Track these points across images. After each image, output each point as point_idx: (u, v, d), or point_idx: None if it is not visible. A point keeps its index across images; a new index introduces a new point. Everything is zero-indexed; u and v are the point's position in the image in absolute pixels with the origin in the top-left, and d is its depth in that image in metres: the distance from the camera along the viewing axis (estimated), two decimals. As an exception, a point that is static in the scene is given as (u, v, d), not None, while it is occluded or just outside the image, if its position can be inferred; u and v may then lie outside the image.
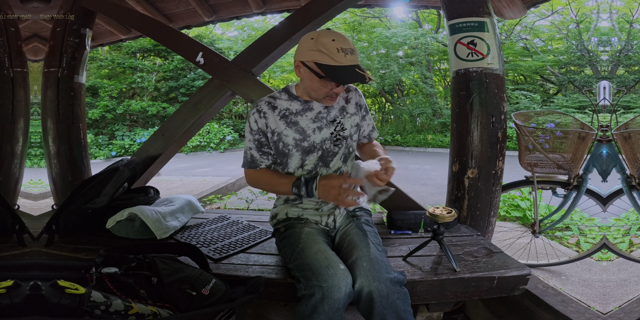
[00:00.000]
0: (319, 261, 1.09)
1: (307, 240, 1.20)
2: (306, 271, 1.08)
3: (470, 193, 1.75)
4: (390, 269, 1.10)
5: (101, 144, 10.36)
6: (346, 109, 1.34)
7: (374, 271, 1.06)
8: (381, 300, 1.03)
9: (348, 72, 1.11)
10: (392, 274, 1.08)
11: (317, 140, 1.30)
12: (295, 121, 1.28)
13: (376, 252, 1.15)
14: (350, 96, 1.37)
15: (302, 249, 1.17)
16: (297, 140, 1.28)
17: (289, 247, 1.23)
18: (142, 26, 2.21)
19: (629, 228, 2.35)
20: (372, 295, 1.03)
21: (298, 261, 1.14)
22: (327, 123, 1.30)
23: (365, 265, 1.09)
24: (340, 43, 1.12)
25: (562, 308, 1.40)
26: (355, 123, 1.36)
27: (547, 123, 1.93)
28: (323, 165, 1.33)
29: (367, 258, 1.11)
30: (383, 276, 1.05)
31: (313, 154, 1.30)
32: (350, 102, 1.35)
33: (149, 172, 2.30)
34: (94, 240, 1.56)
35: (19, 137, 2.13)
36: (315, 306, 1.00)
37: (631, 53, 8.84)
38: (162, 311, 0.96)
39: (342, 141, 1.32)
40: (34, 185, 3.46)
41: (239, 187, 5.01)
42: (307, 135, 1.29)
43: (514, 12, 2.31)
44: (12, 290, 0.79)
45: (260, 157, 1.32)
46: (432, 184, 5.12)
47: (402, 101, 12.55)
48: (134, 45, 11.84)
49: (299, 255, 1.15)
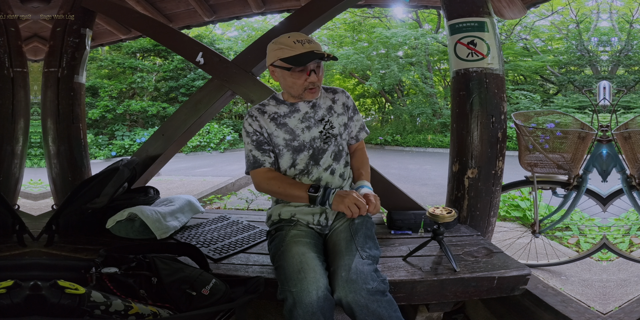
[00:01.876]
0: (293, 265, 1.10)
1: (290, 243, 1.20)
2: (281, 275, 1.11)
3: (470, 193, 1.75)
4: (369, 278, 1.06)
5: (101, 144, 10.36)
6: (333, 108, 1.41)
7: (350, 282, 1.05)
8: (361, 310, 1.03)
9: (307, 56, 1.21)
10: (371, 284, 1.05)
11: (306, 139, 1.35)
12: (284, 122, 1.35)
13: (358, 261, 1.12)
14: (337, 97, 1.43)
15: (282, 251, 1.18)
16: (287, 140, 1.34)
17: (274, 250, 1.26)
18: (142, 26, 2.22)
19: (629, 228, 2.35)
20: (350, 305, 1.04)
21: (277, 264, 1.18)
22: (315, 122, 1.36)
23: (343, 276, 1.07)
24: (295, 37, 1.25)
25: (562, 308, 1.40)
26: (344, 122, 1.41)
27: (547, 123, 1.93)
28: (314, 164, 1.36)
29: (346, 268, 1.09)
30: (360, 287, 1.04)
31: (303, 152, 1.35)
32: (336, 103, 1.42)
33: (149, 172, 2.30)
34: (94, 240, 1.56)
35: (19, 137, 2.13)
36: (290, 310, 1.02)
37: (631, 53, 8.84)
38: (162, 311, 0.96)
39: (331, 139, 1.37)
40: (34, 185, 3.46)
41: (239, 187, 5.01)
42: (296, 135, 1.34)
43: (514, 12, 2.31)
44: (12, 290, 0.79)
45: (262, 155, 1.33)
46: (432, 184, 5.12)
47: (402, 101, 12.55)
48: (134, 45, 11.84)
49: (279, 258, 1.17)
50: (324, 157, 1.36)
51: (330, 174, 1.37)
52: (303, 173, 1.36)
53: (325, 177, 1.36)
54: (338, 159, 1.39)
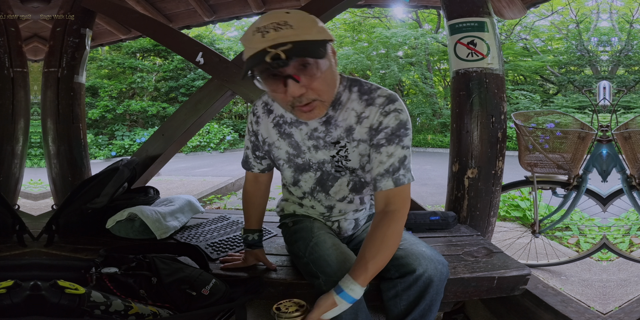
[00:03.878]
0: (337, 255, 1.00)
1: (321, 235, 1.08)
2: (324, 267, 0.97)
3: (470, 193, 1.75)
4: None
5: (101, 144, 10.37)
6: (353, 130, 0.98)
7: (434, 255, 1.01)
8: (437, 284, 0.99)
9: (257, 57, 0.78)
10: (445, 261, 1.04)
11: (313, 160, 1.07)
12: (290, 133, 1.06)
13: (422, 241, 1.11)
14: (367, 114, 0.95)
15: (316, 243, 1.05)
16: (291, 155, 1.08)
17: (302, 242, 1.08)
18: (142, 26, 2.21)
19: (629, 228, 2.35)
20: (432, 278, 0.97)
21: (314, 255, 1.01)
22: (325, 144, 1.03)
23: (424, 251, 1.02)
24: (261, 21, 0.80)
25: (562, 308, 1.39)
26: (366, 153, 1.00)
27: (547, 123, 1.93)
28: (321, 190, 1.11)
29: (423, 245, 1.06)
30: (443, 260, 1.02)
31: (309, 173, 1.09)
32: (362, 123, 0.96)
33: (149, 172, 2.30)
34: (94, 240, 1.56)
35: (19, 137, 2.13)
36: None
37: (631, 53, 8.84)
38: (162, 311, 0.96)
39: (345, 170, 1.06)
40: (34, 185, 3.46)
41: (239, 187, 5.01)
42: (301, 151, 1.06)
43: (513, 12, 2.31)
44: (12, 290, 0.79)
45: (253, 160, 1.19)
46: (432, 184, 5.12)
47: (402, 101, 12.55)
48: (134, 45, 11.86)
49: (313, 250, 1.03)
50: (335, 186, 1.08)
51: (347, 203, 1.14)
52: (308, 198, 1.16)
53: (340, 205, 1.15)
54: (359, 191, 1.11)
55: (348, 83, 0.99)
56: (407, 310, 1.00)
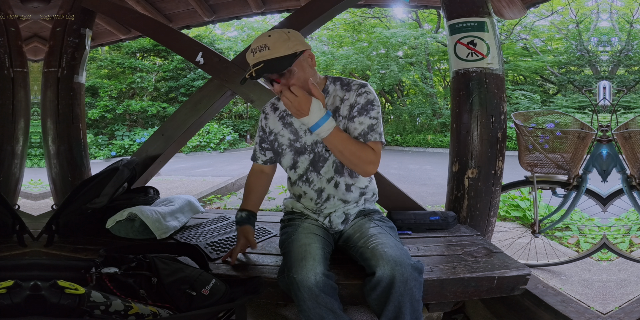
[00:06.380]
0: (298, 253, 1.12)
1: (301, 234, 1.24)
2: (287, 261, 1.14)
3: (470, 193, 1.75)
4: (409, 255, 1.10)
5: (101, 144, 10.37)
6: (339, 111, 1.27)
7: (396, 256, 1.06)
8: (400, 286, 1.02)
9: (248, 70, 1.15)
10: (412, 261, 1.08)
11: (308, 142, 1.32)
12: (290, 122, 1.35)
13: (395, 241, 1.17)
14: (347, 97, 1.26)
15: (292, 240, 1.22)
16: (291, 140, 1.34)
17: (284, 236, 1.30)
18: (142, 26, 2.21)
19: (629, 228, 2.35)
20: (394, 279, 1.03)
21: (284, 250, 1.22)
22: None
23: (387, 251, 1.09)
24: (254, 43, 1.16)
25: (562, 308, 1.40)
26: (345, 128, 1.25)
27: (546, 123, 1.93)
28: (314, 170, 1.33)
29: (388, 245, 1.12)
30: (405, 261, 1.05)
31: (304, 155, 1.33)
32: (344, 103, 1.27)
33: (149, 172, 2.30)
34: (94, 240, 1.56)
35: (19, 137, 2.13)
36: (296, 294, 1.05)
37: (631, 53, 8.85)
38: (162, 311, 0.96)
39: None
40: (34, 185, 3.46)
41: (238, 187, 5.01)
42: (299, 135, 1.33)
43: (513, 12, 2.31)
44: (12, 290, 0.79)
45: (259, 152, 1.44)
46: (432, 184, 5.12)
47: (402, 101, 12.57)
48: (133, 45, 11.86)
49: (287, 245, 1.21)
50: (325, 167, 1.31)
51: (334, 187, 1.33)
52: (303, 180, 1.35)
53: (328, 188, 1.33)
54: (341, 173, 1.32)
55: (332, 79, 1.33)
56: (378, 310, 1.08)
